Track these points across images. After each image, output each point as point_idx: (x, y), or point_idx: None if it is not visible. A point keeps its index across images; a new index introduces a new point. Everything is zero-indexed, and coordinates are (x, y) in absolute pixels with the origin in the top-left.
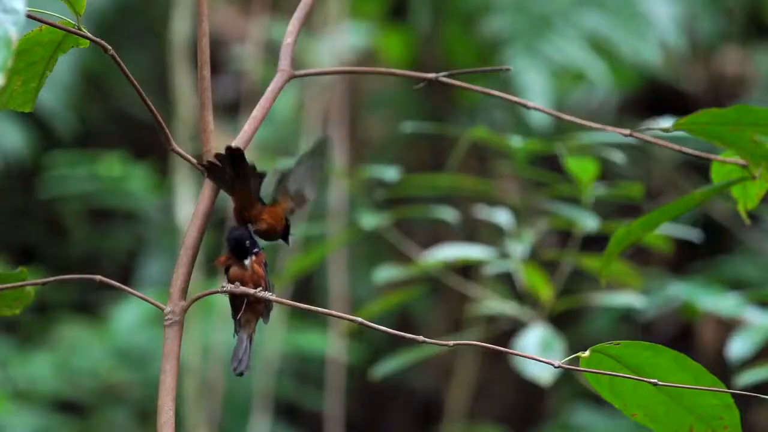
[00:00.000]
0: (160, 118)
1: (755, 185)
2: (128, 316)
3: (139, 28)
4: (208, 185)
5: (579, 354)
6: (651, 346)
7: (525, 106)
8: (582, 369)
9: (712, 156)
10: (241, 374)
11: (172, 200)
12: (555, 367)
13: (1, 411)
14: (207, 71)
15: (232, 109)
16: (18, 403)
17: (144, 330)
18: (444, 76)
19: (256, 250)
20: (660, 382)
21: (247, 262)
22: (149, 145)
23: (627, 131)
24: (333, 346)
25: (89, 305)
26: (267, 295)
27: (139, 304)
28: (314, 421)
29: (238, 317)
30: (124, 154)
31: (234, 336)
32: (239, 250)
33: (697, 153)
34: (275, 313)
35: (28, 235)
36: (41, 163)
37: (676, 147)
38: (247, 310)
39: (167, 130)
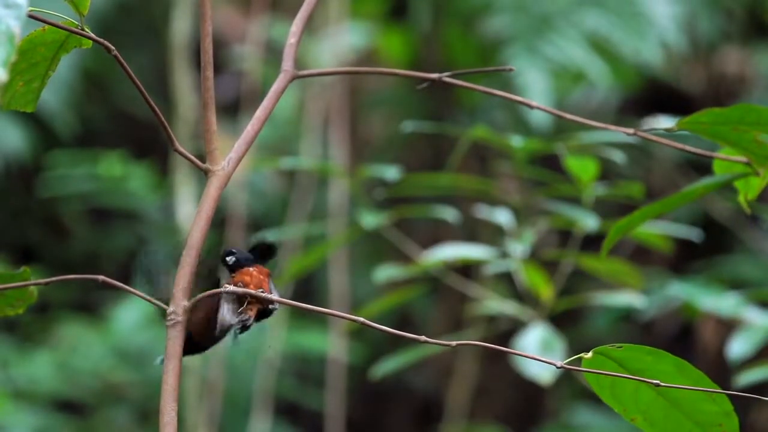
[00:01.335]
0: (162, 118)
1: (757, 178)
2: (129, 316)
3: (139, 28)
4: (211, 185)
5: (581, 355)
6: (653, 351)
7: (529, 105)
8: (583, 369)
9: (714, 154)
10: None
11: (172, 200)
12: (557, 368)
13: (1, 411)
14: (210, 72)
15: (232, 109)
16: (18, 403)
17: (144, 330)
18: (447, 76)
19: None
20: (662, 383)
21: (252, 269)
22: (149, 145)
23: (631, 130)
24: (333, 345)
25: (89, 305)
26: (268, 295)
27: (140, 304)
28: (315, 420)
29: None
30: (124, 154)
31: (226, 333)
32: (239, 263)
33: (700, 152)
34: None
35: (28, 235)
36: (41, 163)
37: (679, 146)
38: (248, 309)
39: (170, 130)
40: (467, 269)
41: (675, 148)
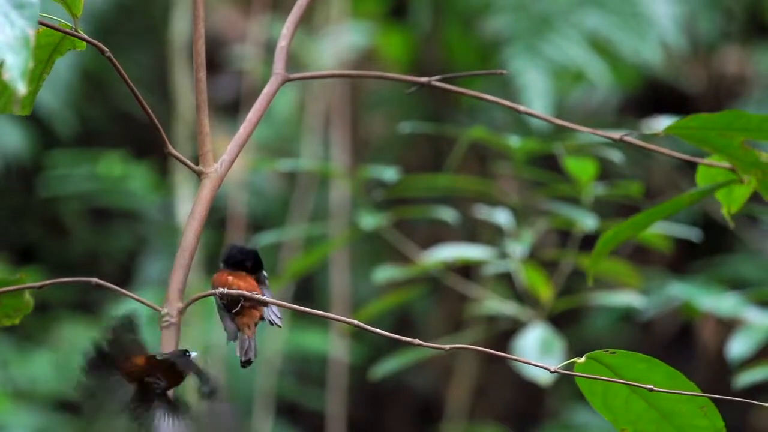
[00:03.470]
0: (155, 120)
1: (741, 188)
2: None
3: (139, 28)
4: (204, 188)
5: (574, 360)
6: (646, 359)
7: (516, 110)
8: (577, 374)
9: (701, 160)
10: (248, 363)
11: (172, 200)
12: (551, 372)
13: (1, 411)
14: (203, 74)
15: (232, 109)
16: (18, 403)
17: (143, 330)
18: (437, 79)
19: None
20: (656, 388)
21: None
22: (149, 145)
23: (618, 136)
24: (334, 346)
25: (89, 305)
26: (262, 297)
27: (139, 304)
28: (315, 420)
29: (233, 318)
30: (124, 154)
31: (227, 343)
32: (257, 262)
33: (686, 157)
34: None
35: (28, 235)
36: (41, 163)
37: (666, 151)
38: (244, 315)
39: (163, 132)
40: (467, 269)
41: (662, 153)
